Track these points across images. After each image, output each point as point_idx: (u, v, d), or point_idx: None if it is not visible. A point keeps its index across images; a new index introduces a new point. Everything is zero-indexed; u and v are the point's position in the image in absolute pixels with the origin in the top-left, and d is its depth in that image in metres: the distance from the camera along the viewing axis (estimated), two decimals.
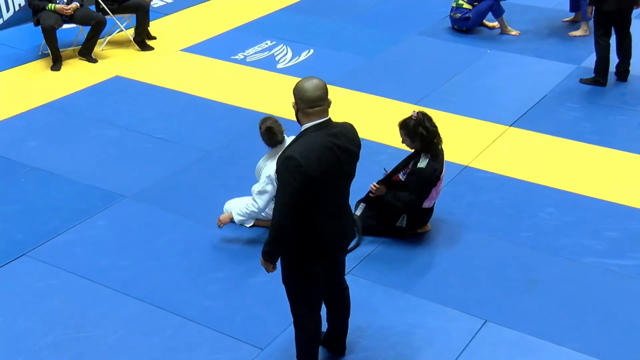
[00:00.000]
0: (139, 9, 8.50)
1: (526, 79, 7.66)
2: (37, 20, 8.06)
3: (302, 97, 3.49)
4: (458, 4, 8.82)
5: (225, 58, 8.33)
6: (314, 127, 3.52)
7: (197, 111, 7.16)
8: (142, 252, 5.15)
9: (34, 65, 8.19)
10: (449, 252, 5.12)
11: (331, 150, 3.50)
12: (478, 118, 6.90)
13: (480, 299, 4.65)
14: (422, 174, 4.97)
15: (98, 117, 7.02)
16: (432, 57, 8.29)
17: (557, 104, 7.13)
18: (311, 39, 8.81)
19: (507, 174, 6.01)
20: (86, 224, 5.46)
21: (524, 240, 5.19)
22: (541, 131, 6.63)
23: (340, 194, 3.68)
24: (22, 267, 5.00)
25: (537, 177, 5.93)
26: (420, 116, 4.98)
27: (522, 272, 4.88)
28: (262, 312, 4.58)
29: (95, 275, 4.91)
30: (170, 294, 4.75)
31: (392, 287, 4.77)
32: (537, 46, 8.46)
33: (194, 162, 6.27)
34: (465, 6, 8.77)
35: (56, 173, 6.07)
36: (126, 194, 5.80)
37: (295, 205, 3.45)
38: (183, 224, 5.45)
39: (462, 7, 8.78)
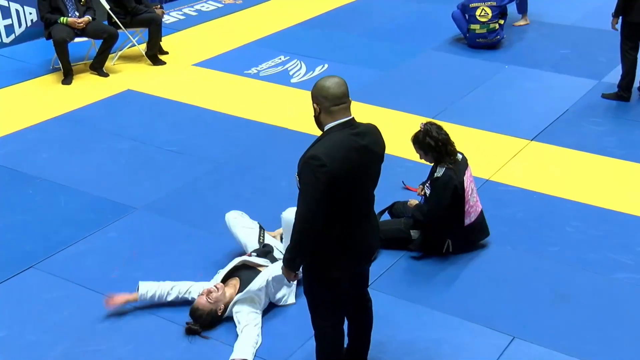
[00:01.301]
0: (151, 23, 8.41)
1: (546, 94, 7.51)
2: (48, 33, 7.97)
3: (326, 94, 3.33)
4: (490, 28, 8.59)
5: (238, 72, 8.21)
6: (338, 126, 3.37)
7: (209, 124, 7.03)
8: (153, 263, 4.98)
9: (45, 79, 8.09)
10: (472, 265, 4.93)
11: (356, 151, 3.34)
12: (498, 132, 6.73)
13: (507, 314, 4.45)
14: (438, 183, 4.81)
15: (109, 129, 6.89)
16: (449, 72, 8.15)
17: (579, 119, 6.96)
18: (325, 53, 8.69)
19: (529, 187, 5.83)
20: (97, 236, 5.29)
21: (550, 254, 5.00)
22: (564, 145, 6.46)
23: (365, 198, 3.50)
24: (31, 279, 4.84)
25: (561, 191, 5.75)
26: (427, 126, 4.84)
27: (549, 286, 4.68)
28: (280, 325, 4.39)
29: (106, 287, 4.72)
30: (183, 307, 4.56)
31: (414, 301, 4.58)
32: (557, 61, 8.31)
33: (206, 174, 6.11)
34: (496, 27, 8.60)
35: (66, 184, 5.93)
36: (137, 206, 5.64)
37: (319, 208, 3.27)
38: (195, 235, 5.28)
39: (495, 30, 8.61)
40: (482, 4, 8.63)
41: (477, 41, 8.71)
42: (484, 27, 8.62)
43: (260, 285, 4.42)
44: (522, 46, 8.82)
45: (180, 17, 10.17)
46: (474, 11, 8.65)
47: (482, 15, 8.62)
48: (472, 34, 8.69)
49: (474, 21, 8.65)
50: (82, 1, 8.08)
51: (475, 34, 8.67)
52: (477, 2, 8.65)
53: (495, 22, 8.62)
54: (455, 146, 4.90)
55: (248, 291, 4.42)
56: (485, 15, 8.61)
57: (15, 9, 9.13)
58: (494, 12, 8.61)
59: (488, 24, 8.61)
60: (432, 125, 4.81)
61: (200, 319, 4.34)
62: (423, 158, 4.94)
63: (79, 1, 8.05)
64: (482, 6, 8.63)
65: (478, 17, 8.62)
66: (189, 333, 4.35)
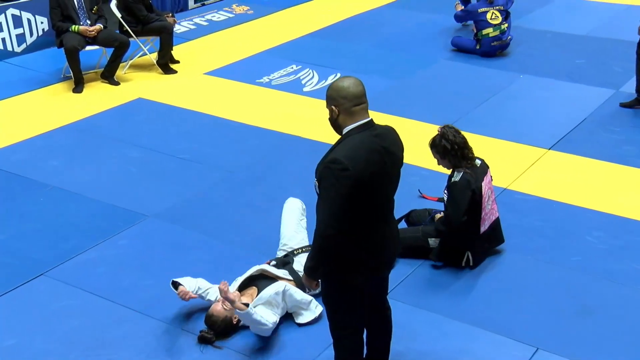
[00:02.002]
0: (163, 31, 8.35)
1: (563, 103, 7.40)
2: (60, 41, 7.92)
3: (346, 94, 3.22)
4: (502, 29, 8.63)
5: (250, 81, 8.14)
6: (357, 128, 3.26)
7: (221, 132, 6.94)
8: (165, 272, 4.85)
9: (55, 88, 8.03)
10: (491, 274, 4.81)
11: (378, 153, 3.24)
12: (514, 141, 6.63)
13: (530, 324, 4.32)
14: (455, 187, 4.70)
15: (120, 137, 6.81)
16: (463, 81, 8.06)
17: (597, 128, 6.85)
18: (337, 63, 8.61)
19: (547, 196, 5.71)
20: (107, 244, 5.20)
21: (573, 264, 4.87)
22: (582, 154, 6.35)
23: (386, 202, 3.40)
24: (41, 287, 4.74)
25: (581, 200, 5.63)
26: (444, 130, 4.74)
27: (572, 297, 4.56)
28: (296, 334, 4.28)
29: (117, 296, 4.63)
30: (196, 316, 4.46)
31: (433, 311, 4.46)
32: (572, 71, 8.21)
33: (218, 182, 6.02)
34: (505, 26, 8.67)
35: (77, 192, 5.84)
36: (148, 214, 5.55)
37: (341, 213, 3.16)
38: (208, 244, 5.18)
39: (505, 31, 8.66)
40: (491, 8, 8.67)
41: (492, 45, 8.65)
42: (496, 29, 8.61)
43: (277, 290, 4.30)
44: (537, 56, 8.72)
45: (191, 26, 10.13)
46: (484, 15, 8.66)
47: (493, 18, 8.64)
48: (486, 39, 8.64)
49: (486, 25, 8.63)
50: (94, 9, 8.03)
51: (490, 37, 8.63)
52: (485, 6, 8.70)
53: (505, 24, 8.68)
54: (472, 151, 4.80)
55: (262, 297, 4.30)
56: (496, 18, 8.64)
57: (27, 18, 9.09)
58: (502, 15, 8.70)
59: (500, 25, 8.62)
60: (449, 129, 4.71)
61: (214, 326, 4.23)
62: (440, 163, 4.83)
63: (90, 9, 8.00)
64: (491, 10, 8.67)
65: (489, 20, 8.61)
66: (202, 342, 4.24)
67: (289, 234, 4.83)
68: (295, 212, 4.94)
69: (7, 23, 8.87)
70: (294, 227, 4.87)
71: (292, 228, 4.86)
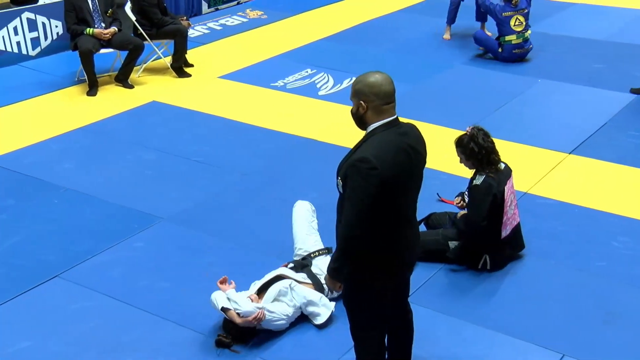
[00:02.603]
0: (177, 35, 8.30)
1: (582, 107, 7.29)
2: (74, 44, 7.89)
3: (378, 92, 3.14)
4: (525, 37, 8.45)
5: (264, 85, 8.08)
6: (383, 126, 3.19)
7: (235, 135, 6.87)
8: (181, 274, 4.80)
9: (69, 91, 7.99)
10: (513, 279, 4.70)
11: (405, 152, 3.16)
12: (534, 145, 6.52)
13: (555, 331, 4.21)
14: (476, 190, 4.61)
15: (134, 140, 6.75)
16: (480, 85, 7.97)
17: (619, 132, 6.74)
18: (352, 67, 8.53)
19: (569, 201, 5.61)
20: (122, 246, 5.13)
21: (597, 269, 4.76)
22: (604, 159, 6.24)
23: (411, 202, 3.32)
24: (55, 289, 4.67)
25: (604, 205, 5.52)
26: (474, 131, 4.64)
27: (598, 303, 4.44)
28: (314, 338, 4.19)
29: (132, 298, 4.55)
30: (211, 318, 4.36)
31: (455, 315, 4.36)
32: (591, 76, 8.10)
33: (233, 185, 5.94)
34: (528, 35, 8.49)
35: (91, 194, 5.78)
36: (163, 216, 5.48)
37: (368, 213, 3.07)
38: (223, 247, 5.10)
39: (528, 38, 8.50)
40: (516, 13, 8.43)
41: (513, 52, 8.49)
42: (520, 37, 8.43)
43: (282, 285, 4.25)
44: (555, 60, 8.62)
45: (205, 31, 10.08)
46: (509, 20, 8.43)
47: (517, 25, 8.43)
48: (507, 45, 8.48)
49: (509, 32, 8.44)
50: (108, 12, 8.00)
51: (512, 44, 8.45)
52: (510, 10, 8.45)
53: (528, 30, 8.47)
54: (499, 156, 4.70)
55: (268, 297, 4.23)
56: (519, 25, 8.43)
57: (41, 22, 9.08)
58: (526, 19, 8.49)
59: (523, 33, 8.44)
60: (480, 131, 4.61)
61: (232, 330, 4.14)
62: (463, 162, 4.74)
63: (105, 12, 7.97)
64: (516, 15, 8.43)
65: (513, 27, 8.41)
66: (219, 346, 4.15)
67: (302, 238, 4.74)
68: (306, 215, 4.84)
69: (23, 27, 8.86)
70: (305, 230, 4.78)
71: (304, 231, 4.77)
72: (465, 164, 4.76)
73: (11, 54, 8.76)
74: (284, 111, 7.40)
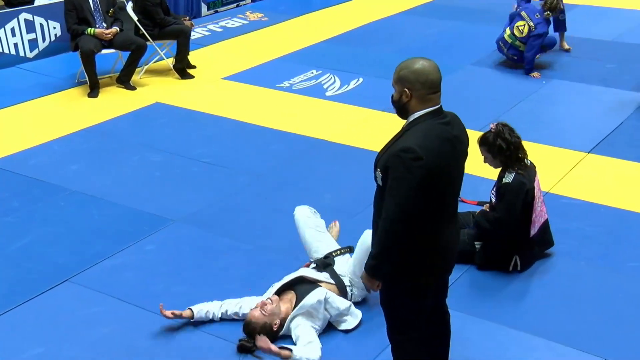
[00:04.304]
0: (180, 35, 8.12)
1: (598, 107, 7.15)
2: (75, 44, 7.68)
3: (425, 80, 2.97)
4: (516, 44, 8.10)
5: (270, 86, 7.90)
6: (427, 115, 3.01)
7: (244, 136, 6.68)
8: (197, 277, 4.60)
9: (70, 93, 7.78)
10: (544, 280, 4.53)
11: (450, 142, 2.98)
12: (551, 144, 6.37)
13: (593, 333, 4.04)
14: (508, 189, 4.43)
15: (140, 141, 6.55)
16: (491, 86, 7.82)
17: (637, 131, 6.59)
18: (359, 68, 8.38)
19: (594, 200, 5.45)
20: (133, 248, 4.92)
21: (630, 270, 4.60)
22: (625, 158, 6.09)
23: (456, 195, 3.14)
24: (66, 293, 4.45)
25: (631, 205, 5.36)
26: (499, 127, 4.48)
27: (635, 304, 4.27)
28: (342, 343, 4.00)
29: (147, 302, 4.34)
30: (231, 323, 4.17)
31: (486, 318, 4.18)
32: (604, 76, 7.97)
33: (245, 186, 5.75)
34: (521, 48, 8.05)
35: (99, 196, 5.57)
36: (174, 218, 5.27)
37: (412, 206, 2.89)
38: (240, 249, 4.90)
39: (516, 47, 8.10)
40: (528, 20, 8.02)
41: (499, 44, 8.27)
42: (511, 37, 8.11)
43: (319, 298, 4.02)
44: (566, 61, 8.47)
45: (205, 33, 9.91)
46: (518, 20, 8.13)
47: (518, 28, 8.11)
48: (501, 36, 8.28)
49: (511, 29, 8.17)
50: (110, 12, 7.80)
51: (503, 38, 8.21)
52: (527, 14, 8.07)
53: (523, 44, 8.04)
54: (526, 152, 4.54)
55: (303, 306, 4.03)
56: (521, 32, 8.11)
57: (39, 23, 8.87)
58: (531, 33, 7.95)
59: (516, 38, 8.05)
60: (505, 127, 4.45)
61: (253, 333, 3.94)
62: (488, 162, 4.56)
63: (106, 12, 7.77)
64: (526, 22, 8.02)
65: (515, 27, 8.12)
66: (241, 351, 3.95)
67: (314, 246, 4.52)
68: (308, 222, 4.61)
69: (20, 28, 8.64)
70: (313, 236, 4.56)
71: (313, 238, 4.55)
72: (490, 163, 4.59)
73: (8, 55, 8.54)
74: (292, 112, 7.22)
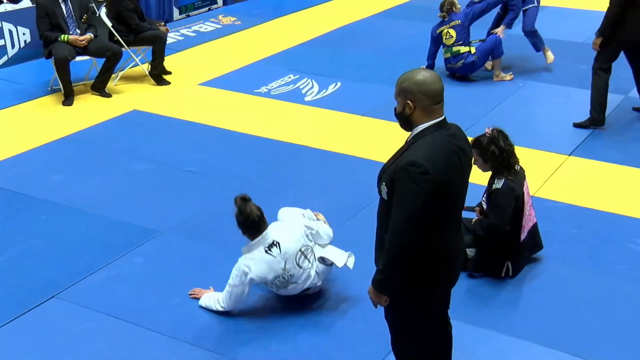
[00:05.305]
0: (156, 41, 8.02)
1: (574, 109, 7.21)
2: (48, 52, 7.54)
3: (427, 91, 2.97)
4: (453, 52, 7.84)
5: (248, 91, 7.85)
6: (432, 127, 3.01)
7: (227, 143, 6.63)
8: (189, 290, 4.53)
9: (44, 101, 7.64)
10: (536, 285, 4.57)
11: (456, 154, 2.99)
12: (532, 147, 6.42)
13: (591, 339, 4.08)
14: (499, 194, 4.47)
15: (121, 150, 6.46)
16: (468, 89, 7.86)
17: (614, 133, 6.69)
18: (336, 72, 8.37)
19: (578, 203, 5.52)
20: (122, 261, 4.85)
21: (619, 272, 4.66)
22: (605, 160, 6.18)
23: (461, 206, 3.15)
24: (55, 309, 4.37)
25: (615, 207, 5.44)
26: (494, 133, 4.52)
27: (629, 308, 4.33)
28: (340, 355, 3.97)
29: (140, 318, 4.28)
30: (227, 336, 4.15)
31: (484, 326, 4.20)
32: (580, 77, 8.01)
33: (233, 194, 5.63)
34: (462, 50, 7.82)
35: (83, 208, 5.47)
36: (162, 229, 5.21)
37: (419, 220, 2.90)
38: (233, 259, 4.80)
39: (460, 53, 7.84)
40: (446, 26, 7.85)
41: (447, 67, 8.02)
42: (448, 51, 7.92)
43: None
44: (541, 63, 8.56)
45: (178, 37, 9.81)
46: (442, 36, 7.91)
47: (447, 38, 7.87)
48: (443, 62, 8.04)
49: (443, 45, 7.97)
50: (83, 18, 7.68)
51: (445, 60, 7.98)
52: (441, 25, 7.92)
53: (459, 45, 7.80)
54: (517, 159, 4.58)
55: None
56: (449, 38, 7.84)
57: (8, 29, 8.70)
58: (459, 33, 7.78)
59: (451, 47, 7.85)
60: (500, 133, 4.48)
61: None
62: (477, 165, 4.58)
63: (80, 18, 7.64)
64: (446, 29, 7.85)
65: (444, 40, 7.91)
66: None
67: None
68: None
69: None
70: None
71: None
72: (480, 166, 4.61)
73: None
74: (273, 118, 7.18)
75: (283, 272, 4.15)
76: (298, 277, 4.20)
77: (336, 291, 4.51)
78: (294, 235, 4.24)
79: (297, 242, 4.22)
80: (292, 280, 4.20)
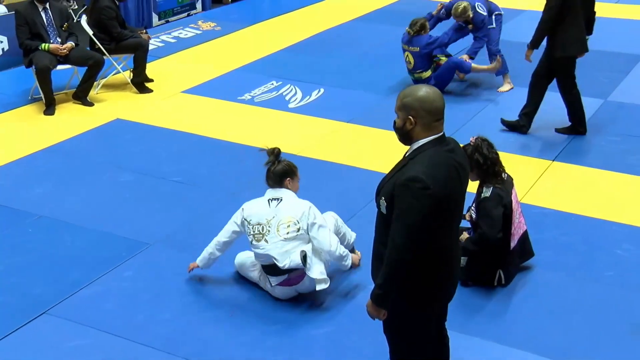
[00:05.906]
0: (138, 49, 7.97)
1: (555, 114, 7.26)
2: (29, 61, 7.46)
3: (430, 108, 2.97)
4: (415, 77, 7.72)
5: (231, 99, 7.83)
6: (432, 142, 3.01)
7: (212, 152, 6.60)
8: (181, 304, 4.53)
9: (24, 110, 7.56)
10: (527, 293, 4.61)
11: (455, 170, 3.00)
12: (515, 153, 6.47)
13: (585, 346, 4.12)
14: (488, 203, 4.49)
15: (106, 160, 6.40)
16: (451, 94, 7.89)
17: (596, 138, 6.76)
18: (319, 78, 8.38)
19: (565, 209, 5.57)
20: (111, 276, 4.81)
21: (608, 279, 4.71)
22: (589, 165, 6.24)
23: (459, 221, 3.17)
24: (46, 326, 4.32)
25: (602, 213, 5.49)
26: (478, 142, 4.56)
27: (619, 314, 4.37)
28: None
29: (132, 333, 4.25)
30: (221, 350, 4.13)
31: (477, 335, 4.22)
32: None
33: (221, 205, 5.66)
34: (425, 75, 7.68)
35: (69, 221, 5.42)
36: (151, 241, 5.18)
37: (419, 235, 2.91)
38: (223, 271, 4.83)
39: (423, 78, 7.65)
40: (407, 47, 7.70)
41: None
42: (411, 76, 7.88)
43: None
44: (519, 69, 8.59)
45: (158, 44, 9.76)
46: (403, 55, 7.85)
47: (407, 62, 7.79)
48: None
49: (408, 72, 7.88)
50: (64, 26, 7.61)
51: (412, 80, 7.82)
52: (405, 43, 7.74)
53: (420, 72, 7.68)
54: (503, 167, 4.62)
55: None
56: (408, 63, 7.77)
57: None
58: (416, 61, 7.64)
59: (413, 72, 7.77)
60: (484, 142, 4.52)
61: None
62: None
63: (60, 27, 7.57)
64: (406, 51, 7.72)
65: (406, 63, 7.87)
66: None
67: None
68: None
69: None
70: None
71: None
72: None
73: None
74: (258, 126, 7.17)
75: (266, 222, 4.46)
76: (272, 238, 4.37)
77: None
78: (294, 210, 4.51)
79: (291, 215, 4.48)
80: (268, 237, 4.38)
